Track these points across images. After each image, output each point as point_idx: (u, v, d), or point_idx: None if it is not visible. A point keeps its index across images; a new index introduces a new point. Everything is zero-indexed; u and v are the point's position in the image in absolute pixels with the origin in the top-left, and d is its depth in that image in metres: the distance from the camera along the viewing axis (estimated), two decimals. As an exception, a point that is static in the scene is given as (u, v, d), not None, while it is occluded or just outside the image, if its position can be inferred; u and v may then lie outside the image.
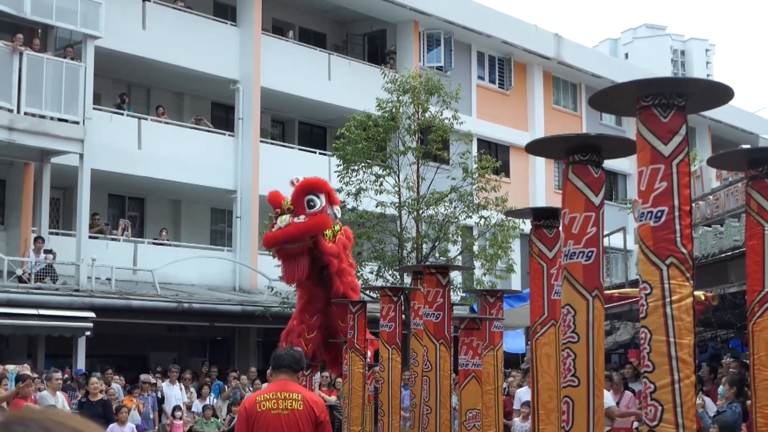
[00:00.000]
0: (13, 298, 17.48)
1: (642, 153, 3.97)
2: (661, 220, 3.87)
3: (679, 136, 3.90)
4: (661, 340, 3.81)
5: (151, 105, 24.19)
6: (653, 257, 3.87)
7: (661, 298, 3.83)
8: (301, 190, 10.98)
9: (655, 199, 3.89)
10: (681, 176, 3.89)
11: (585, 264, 4.51)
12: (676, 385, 3.78)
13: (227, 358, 23.15)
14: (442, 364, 6.90)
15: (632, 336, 18.42)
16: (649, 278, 3.87)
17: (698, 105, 4.12)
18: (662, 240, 3.86)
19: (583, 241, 4.53)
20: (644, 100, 3.92)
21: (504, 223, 20.41)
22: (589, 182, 4.58)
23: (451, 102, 20.43)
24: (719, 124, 36.95)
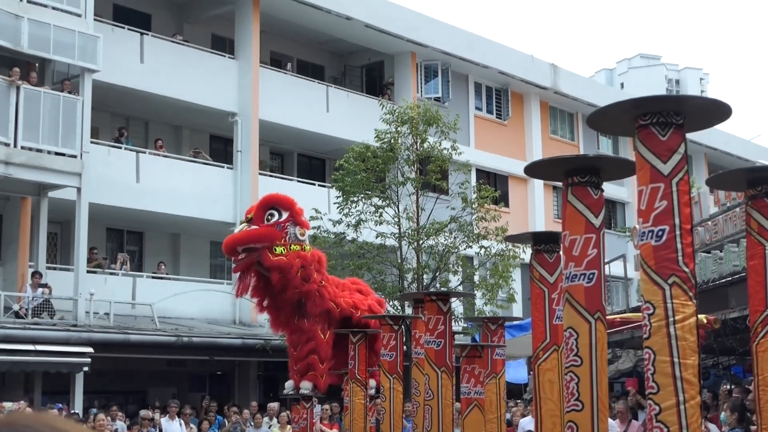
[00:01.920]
0: (9, 334, 17.33)
1: (641, 172, 3.93)
2: (662, 239, 3.82)
3: (678, 155, 3.87)
4: (665, 360, 3.75)
5: (150, 138, 24.20)
6: (655, 277, 3.82)
7: (665, 318, 3.77)
8: (264, 203, 11.04)
9: (655, 218, 3.85)
10: (681, 195, 3.85)
11: (587, 286, 4.46)
12: (681, 407, 3.71)
13: (227, 392, 22.97)
14: (444, 392, 6.82)
15: (634, 364, 18.29)
16: (652, 298, 3.82)
17: (697, 123, 4.09)
18: (664, 259, 3.81)
19: (584, 263, 4.48)
20: (642, 119, 3.89)
21: (504, 253, 20.36)
22: (589, 204, 4.54)
23: (449, 132, 20.47)
24: (715, 152, 37.04)
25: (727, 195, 16.02)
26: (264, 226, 10.68)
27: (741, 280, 12.68)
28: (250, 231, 10.59)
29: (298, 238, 11.06)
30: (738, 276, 13.22)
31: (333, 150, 25.16)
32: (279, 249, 10.82)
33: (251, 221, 10.72)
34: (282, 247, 10.83)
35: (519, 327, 19.20)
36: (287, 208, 11.04)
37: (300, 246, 11.08)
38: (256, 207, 10.94)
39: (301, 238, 11.13)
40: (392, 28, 26.65)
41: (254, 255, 10.70)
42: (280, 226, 10.80)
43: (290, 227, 10.96)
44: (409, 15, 27.45)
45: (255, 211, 10.81)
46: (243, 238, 10.64)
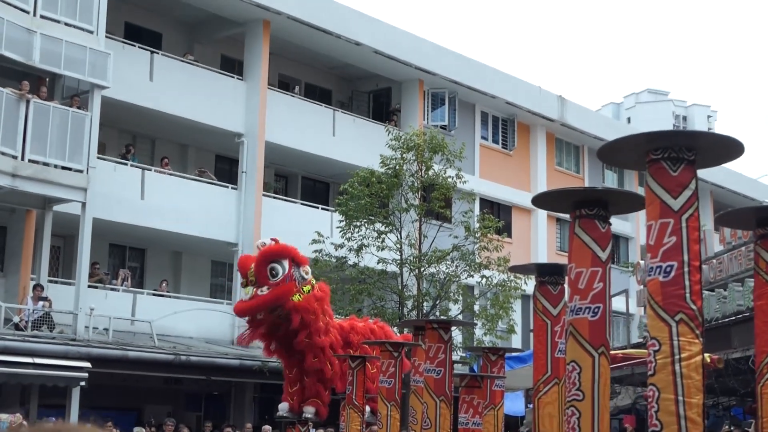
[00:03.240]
0: (8, 346, 17.29)
1: (651, 207, 3.91)
2: (671, 276, 3.80)
3: (689, 191, 3.85)
4: (669, 398, 3.71)
5: (156, 156, 24.25)
6: (662, 313, 3.79)
7: (670, 356, 3.74)
8: (262, 260, 10.77)
9: (664, 254, 3.82)
10: (691, 231, 3.82)
11: (591, 320, 4.43)
12: (685, 446, 3.67)
13: (223, 413, 22.85)
14: (443, 421, 6.77)
15: (633, 401, 18.21)
16: (658, 335, 3.78)
17: (708, 159, 4.07)
18: (671, 296, 3.78)
19: (590, 296, 4.45)
20: (654, 153, 3.87)
21: (505, 284, 20.31)
22: (596, 237, 4.52)
23: (454, 161, 20.49)
24: (721, 190, 37.03)
25: (732, 234, 15.98)
26: (276, 287, 10.56)
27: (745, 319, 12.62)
28: (267, 295, 10.45)
29: (305, 278, 11.05)
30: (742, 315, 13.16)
31: (337, 174, 25.19)
32: (296, 297, 10.79)
33: (256, 283, 10.56)
34: (298, 295, 10.81)
35: (517, 359, 19.13)
36: (286, 256, 10.92)
37: (309, 285, 11.09)
38: (255, 266, 10.69)
39: (306, 276, 11.10)
40: (401, 55, 26.76)
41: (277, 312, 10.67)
42: (288, 278, 10.73)
43: (295, 272, 10.91)
44: (418, 42, 27.57)
45: (256, 271, 10.60)
46: (263, 302, 10.48)
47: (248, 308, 10.53)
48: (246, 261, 11.07)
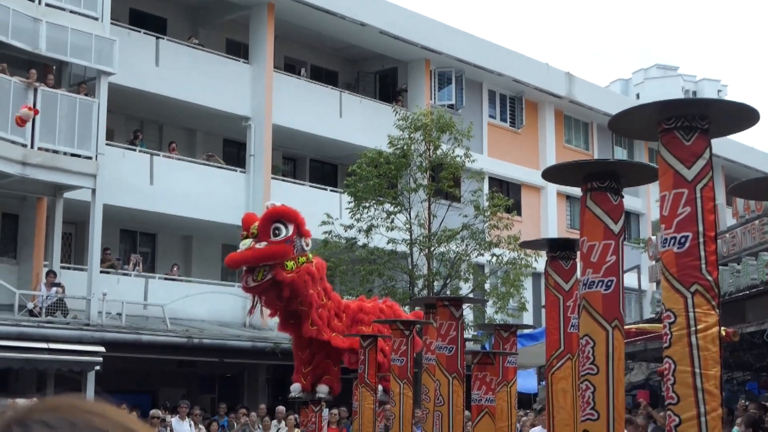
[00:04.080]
0: (23, 332, 17.38)
1: (664, 177, 3.87)
2: (685, 246, 3.75)
3: (702, 160, 3.80)
4: (686, 371, 3.67)
5: (164, 141, 24.25)
6: (677, 284, 3.75)
7: (686, 327, 3.70)
8: (269, 216, 10.75)
9: (678, 225, 3.78)
10: (705, 201, 3.78)
11: (604, 293, 4.39)
12: (702, 418, 3.64)
13: (236, 394, 22.94)
14: (455, 398, 6.75)
15: (647, 376, 18.19)
16: (673, 306, 3.75)
17: (722, 128, 4.02)
18: (686, 267, 3.74)
19: (603, 269, 4.42)
20: (666, 123, 3.82)
21: (516, 261, 20.27)
22: (608, 210, 4.48)
23: (462, 140, 20.41)
24: (733, 164, 36.81)
25: (745, 207, 15.88)
26: (275, 243, 10.45)
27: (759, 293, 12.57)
28: (263, 249, 10.33)
29: (304, 249, 10.99)
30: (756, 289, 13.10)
31: (346, 155, 25.14)
32: (290, 264, 10.67)
33: (257, 237, 10.47)
34: (292, 262, 10.70)
35: (529, 336, 19.13)
36: (292, 220, 10.86)
37: (305, 257, 11.02)
38: (260, 221, 10.65)
39: (306, 248, 11.05)
40: (406, 35, 26.63)
41: (270, 275, 10.55)
42: (289, 241, 10.65)
43: (297, 239, 10.85)
44: (424, 22, 27.42)
45: (260, 225, 10.54)
46: (256, 256, 10.37)
47: (241, 258, 10.45)
48: (250, 217, 11.03)
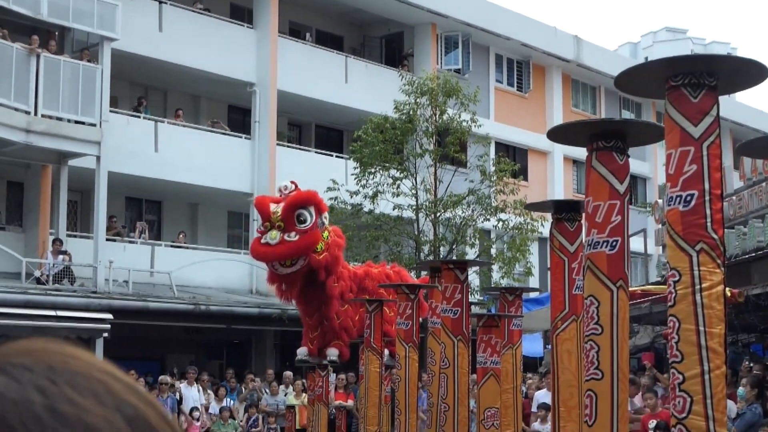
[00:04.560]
0: (31, 300, 17.46)
1: (671, 135, 3.82)
2: (691, 205, 3.72)
3: (710, 117, 3.75)
4: (690, 329, 3.65)
5: (168, 108, 24.17)
6: (682, 243, 3.72)
7: (691, 286, 3.68)
8: (291, 205, 10.68)
9: (684, 183, 3.74)
10: (712, 159, 3.73)
11: (609, 253, 4.36)
12: (705, 376, 3.63)
13: (244, 360, 23.06)
14: (461, 360, 6.76)
15: (652, 339, 18.21)
16: (678, 265, 3.72)
17: (730, 85, 3.96)
18: (692, 225, 3.71)
19: (608, 230, 4.38)
20: (673, 80, 3.77)
21: (522, 226, 20.24)
22: (614, 169, 4.44)
23: (468, 104, 20.30)
24: (741, 127, 36.58)
25: (752, 169, 15.80)
26: (304, 233, 10.51)
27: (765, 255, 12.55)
28: (297, 243, 10.38)
29: (324, 224, 11.08)
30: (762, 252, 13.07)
31: (351, 121, 25.04)
32: (320, 246, 10.79)
33: (284, 229, 10.45)
34: (321, 243, 10.81)
35: (534, 301, 19.17)
36: (312, 203, 10.92)
37: (326, 231, 11.11)
38: (284, 211, 10.57)
39: (326, 223, 11.16)
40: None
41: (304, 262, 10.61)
42: (314, 227, 10.74)
43: (318, 221, 10.92)
44: (430, -15, 27.16)
45: (285, 216, 10.50)
46: (292, 251, 10.41)
47: (279, 253, 10.41)
48: (264, 202, 10.98)
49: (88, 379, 0.62)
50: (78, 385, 0.61)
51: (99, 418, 0.59)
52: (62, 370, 0.62)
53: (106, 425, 0.59)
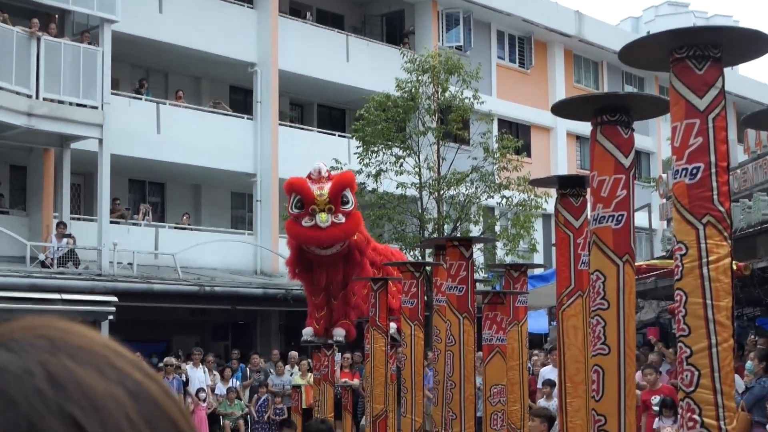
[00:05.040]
0: (36, 283, 17.50)
1: (676, 107, 3.79)
2: (697, 177, 3.69)
3: (715, 89, 3.72)
4: (697, 302, 3.64)
5: (170, 89, 24.12)
6: (689, 216, 3.70)
7: (698, 259, 3.65)
8: (339, 187, 10.70)
9: (690, 156, 3.71)
10: (718, 131, 3.70)
11: (615, 228, 4.34)
12: (713, 349, 3.61)
13: (249, 341, 23.13)
14: (466, 338, 6.75)
15: (657, 315, 18.24)
16: (685, 238, 3.70)
17: (735, 56, 3.92)
18: (698, 198, 3.68)
19: (613, 204, 4.36)
20: (678, 52, 3.73)
21: (526, 203, 20.21)
22: (618, 143, 4.41)
23: (471, 81, 20.21)
24: (744, 101, 36.42)
25: (757, 143, 15.74)
26: (351, 216, 10.65)
27: (770, 228, 12.53)
28: (347, 225, 10.55)
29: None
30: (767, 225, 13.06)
31: (353, 100, 24.97)
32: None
33: (332, 211, 10.49)
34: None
35: (540, 278, 19.17)
36: (351, 184, 11.06)
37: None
38: (332, 193, 10.57)
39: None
40: (413, -24, 26.28)
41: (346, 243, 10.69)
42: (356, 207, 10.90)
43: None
44: (431, -38, 27.01)
45: (334, 198, 10.54)
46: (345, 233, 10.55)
47: (335, 236, 10.49)
48: (303, 184, 10.91)
49: (90, 353, 0.61)
50: (80, 358, 0.60)
51: (102, 391, 0.58)
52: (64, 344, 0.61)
53: (108, 398, 0.58)
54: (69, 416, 0.56)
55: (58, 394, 0.57)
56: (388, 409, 9.53)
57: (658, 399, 11.84)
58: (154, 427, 0.59)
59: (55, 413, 0.55)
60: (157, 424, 0.59)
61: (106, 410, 0.57)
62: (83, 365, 0.59)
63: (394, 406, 9.76)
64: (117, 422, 0.57)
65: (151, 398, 0.61)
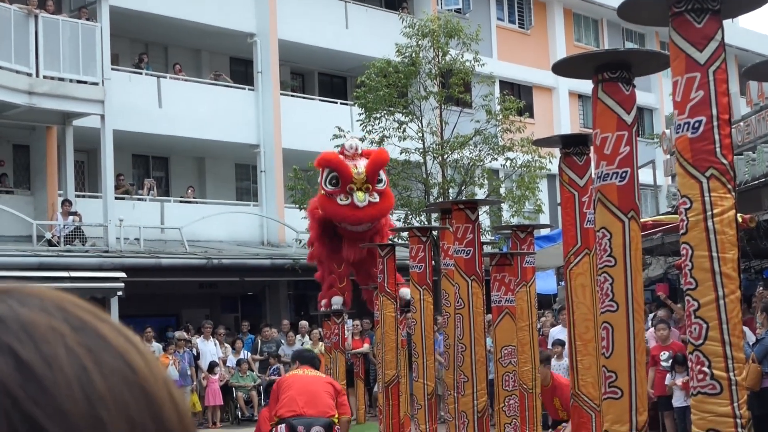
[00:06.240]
0: (44, 262, 17.56)
1: (676, 62, 3.78)
2: (699, 131, 3.69)
3: (714, 42, 3.71)
4: (703, 255, 3.65)
5: (170, 63, 24.03)
6: (692, 170, 3.70)
7: (702, 212, 3.67)
8: (376, 166, 10.80)
9: (691, 110, 3.71)
10: (718, 84, 3.70)
11: (619, 185, 4.35)
12: (720, 302, 3.63)
13: (259, 312, 23.24)
14: (475, 300, 6.78)
15: (665, 271, 18.25)
16: (689, 192, 3.71)
17: (734, 8, 3.91)
18: (701, 151, 3.69)
19: (617, 161, 4.36)
20: (676, 6, 3.72)
21: (530, 164, 20.18)
22: (620, 100, 4.40)
23: (471, 44, 20.10)
24: (746, 53, 36.16)
25: (759, 94, 15.66)
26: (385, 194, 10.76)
27: (775, 180, 12.51)
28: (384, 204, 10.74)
29: None
30: (771, 176, 13.03)
31: (354, 67, 24.86)
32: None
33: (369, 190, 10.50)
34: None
35: (546, 238, 19.17)
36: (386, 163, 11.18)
37: None
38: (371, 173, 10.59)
39: None
40: (410, -61, 26.03)
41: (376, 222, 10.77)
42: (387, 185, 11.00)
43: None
44: (427, -75, 26.75)
45: (372, 177, 10.60)
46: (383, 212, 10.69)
47: (373, 216, 10.64)
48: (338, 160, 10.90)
49: (41, 299, 0.63)
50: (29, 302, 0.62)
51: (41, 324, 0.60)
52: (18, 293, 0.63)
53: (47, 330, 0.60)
54: (6, 346, 0.58)
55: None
56: (399, 375, 9.60)
57: (667, 354, 11.90)
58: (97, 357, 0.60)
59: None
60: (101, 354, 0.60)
61: (42, 339, 0.59)
62: (30, 307, 0.61)
63: (406, 371, 9.82)
64: (53, 349, 0.58)
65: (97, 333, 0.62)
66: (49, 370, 0.58)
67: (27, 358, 0.58)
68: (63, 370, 0.58)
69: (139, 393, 0.60)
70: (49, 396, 0.57)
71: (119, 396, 0.59)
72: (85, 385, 0.58)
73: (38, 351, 0.58)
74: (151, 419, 0.59)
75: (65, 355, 0.59)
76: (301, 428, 7.30)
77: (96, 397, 0.58)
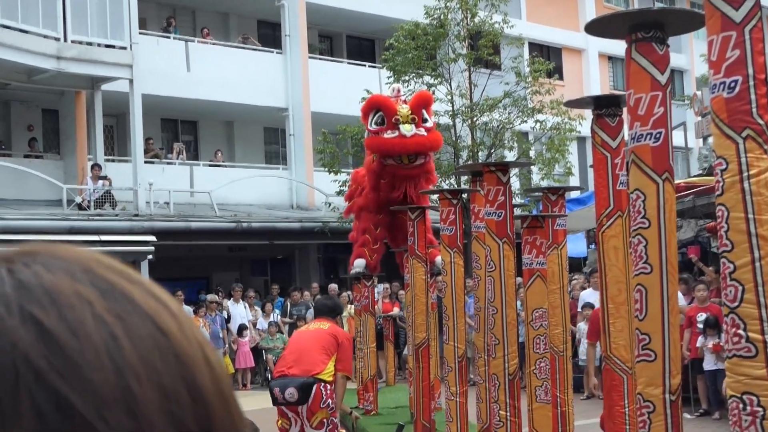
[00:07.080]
0: (74, 226, 17.74)
1: (711, 21, 3.70)
2: (735, 91, 3.62)
3: (750, 1, 3.63)
4: (739, 217, 3.60)
5: (197, 27, 24.03)
6: (728, 130, 3.64)
7: (738, 173, 3.61)
8: (421, 101, 10.62)
9: (727, 69, 3.64)
10: (755, 43, 3.62)
11: (653, 146, 4.29)
12: (756, 264, 3.59)
13: (288, 275, 23.38)
14: (506, 263, 6.75)
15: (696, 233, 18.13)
16: (725, 153, 3.65)
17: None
18: (737, 111, 3.62)
19: (651, 122, 4.30)
20: (713, -37, 3.64)
21: (560, 126, 20.03)
22: (654, 60, 4.33)
23: (499, 5, 19.90)
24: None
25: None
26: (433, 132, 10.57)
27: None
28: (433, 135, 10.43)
29: None
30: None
31: (382, 30, 24.70)
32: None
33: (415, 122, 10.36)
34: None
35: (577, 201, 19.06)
36: (430, 101, 11.04)
37: None
38: (415, 107, 10.44)
39: None
40: None
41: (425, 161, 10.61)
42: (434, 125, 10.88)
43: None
44: None
45: (417, 111, 10.42)
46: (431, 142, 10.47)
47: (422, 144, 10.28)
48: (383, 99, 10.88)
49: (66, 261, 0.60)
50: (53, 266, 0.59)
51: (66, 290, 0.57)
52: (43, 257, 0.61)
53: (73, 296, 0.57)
54: (29, 314, 0.55)
55: (20, 295, 0.56)
56: (429, 337, 9.63)
57: (705, 316, 11.85)
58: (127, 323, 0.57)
59: (14, 313, 0.55)
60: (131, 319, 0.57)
61: (68, 306, 0.56)
62: (55, 271, 0.58)
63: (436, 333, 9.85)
64: (79, 316, 0.56)
65: (125, 296, 0.58)
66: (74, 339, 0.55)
67: (51, 326, 0.55)
68: (90, 338, 0.55)
69: (172, 359, 0.57)
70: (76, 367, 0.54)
71: (150, 364, 0.56)
72: (113, 353, 0.55)
73: (63, 319, 0.56)
74: (184, 387, 0.57)
75: (92, 322, 0.56)
76: (277, 390, 7.27)
77: (125, 367, 0.55)
